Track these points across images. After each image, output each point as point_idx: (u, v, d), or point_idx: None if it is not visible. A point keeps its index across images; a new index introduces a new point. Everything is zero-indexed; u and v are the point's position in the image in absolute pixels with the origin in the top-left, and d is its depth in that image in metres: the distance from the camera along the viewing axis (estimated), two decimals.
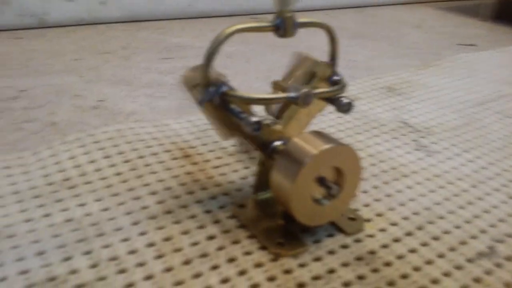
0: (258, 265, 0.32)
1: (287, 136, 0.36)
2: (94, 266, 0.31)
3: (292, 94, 0.33)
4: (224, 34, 0.32)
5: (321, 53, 0.39)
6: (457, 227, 0.36)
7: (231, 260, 0.32)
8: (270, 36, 0.34)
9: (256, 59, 0.78)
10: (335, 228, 0.36)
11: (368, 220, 0.37)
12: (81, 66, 0.70)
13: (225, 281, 0.30)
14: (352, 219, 0.37)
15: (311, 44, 0.75)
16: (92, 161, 0.43)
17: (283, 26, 0.33)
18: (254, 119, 0.32)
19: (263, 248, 0.33)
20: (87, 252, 0.32)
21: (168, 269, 0.31)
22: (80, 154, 0.44)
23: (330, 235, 0.35)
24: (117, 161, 0.43)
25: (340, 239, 0.34)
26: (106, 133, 0.47)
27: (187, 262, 0.32)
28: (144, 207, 0.37)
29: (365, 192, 0.41)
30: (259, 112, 0.40)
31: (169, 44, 0.84)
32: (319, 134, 0.34)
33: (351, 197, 0.35)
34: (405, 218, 0.37)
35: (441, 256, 0.33)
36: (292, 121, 0.37)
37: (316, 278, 0.31)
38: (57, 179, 0.40)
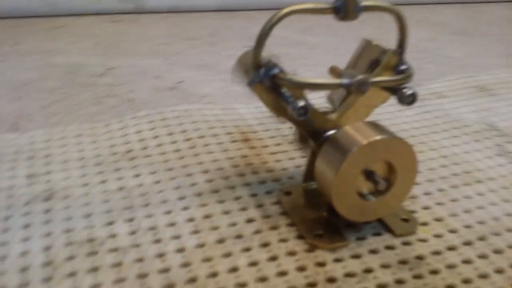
0: (291, 253, 0.30)
1: (340, 126, 0.34)
2: (132, 233, 0.32)
3: (345, 81, 0.31)
4: (277, 16, 0.31)
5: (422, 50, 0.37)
6: None
7: (265, 245, 0.31)
8: (363, 27, 0.33)
9: (341, 51, 0.76)
10: (384, 227, 0.33)
11: (424, 224, 0.34)
12: (167, 50, 0.72)
13: (253, 264, 0.29)
14: (406, 220, 0.34)
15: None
16: (155, 137, 0.44)
17: (344, 9, 0.31)
18: (300, 103, 0.30)
19: (300, 237, 0.32)
20: (130, 220, 0.33)
21: (201, 245, 0.31)
22: (146, 129, 0.45)
23: (377, 234, 0.32)
24: (179, 138, 0.44)
25: (386, 239, 0.32)
26: (174, 112, 0.49)
27: (220, 241, 0.31)
28: (193, 184, 0.37)
29: (427, 194, 0.37)
30: (318, 100, 0.39)
31: (254, 33, 0.84)
32: (373, 125, 0.32)
33: (404, 196, 0.32)
34: (467, 226, 0.34)
35: (499, 271, 0.29)
36: (349, 111, 0.35)
37: (349, 275, 0.29)
38: (120, 150, 0.42)
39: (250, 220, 0.33)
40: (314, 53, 0.74)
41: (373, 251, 0.31)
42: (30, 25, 0.85)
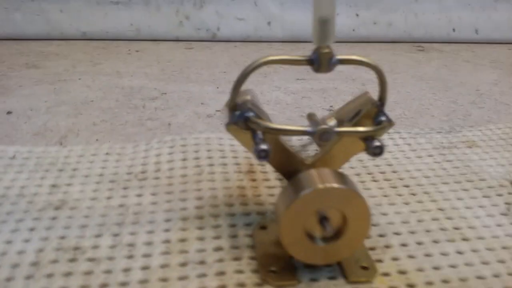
0: (240, 285, 0.33)
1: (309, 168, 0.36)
2: (112, 246, 0.36)
3: (309, 129, 0.33)
4: (253, 65, 0.34)
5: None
6: None
7: (220, 273, 0.34)
8: (423, 67, 0.34)
9: (393, 90, 0.75)
10: (342, 272, 0.34)
11: (385, 275, 0.34)
12: (224, 78, 0.78)
13: None
14: (365, 268, 0.34)
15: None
16: (170, 161, 0.49)
17: (317, 61, 0.33)
18: (262, 146, 0.32)
19: (257, 271, 0.34)
20: (115, 234, 0.37)
21: (164, 266, 0.34)
22: (165, 153, 0.50)
23: (332, 278, 0.34)
24: (189, 165, 0.48)
25: (338, 284, 0.33)
26: (195, 139, 0.53)
27: (183, 265, 0.34)
28: (183, 208, 0.41)
29: (403, 245, 0.37)
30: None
31: None
32: (338, 174, 0.33)
33: (353, 247, 0.33)
34: (429, 283, 0.33)
35: None
36: (326, 156, 0.37)
37: None
38: (136, 170, 0.47)
39: (218, 249, 0.36)
40: (362, 89, 0.75)
41: None
42: (113, 48, 0.96)
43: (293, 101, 0.68)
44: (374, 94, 0.36)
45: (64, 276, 0.33)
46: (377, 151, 0.33)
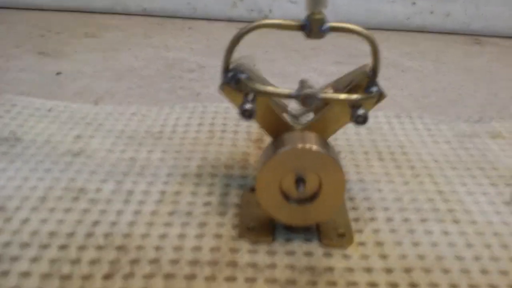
0: (217, 236, 0.35)
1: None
2: (113, 192, 0.39)
3: (294, 92, 0.34)
4: (247, 28, 0.35)
5: None
6: (452, 286, 0.31)
7: (202, 224, 0.36)
8: (473, 59, 0.35)
9: (433, 79, 0.73)
10: (319, 236, 0.35)
11: (361, 244, 0.35)
12: (263, 57, 0.79)
13: (180, 236, 0.34)
14: (342, 235, 0.35)
15: None
16: (187, 124, 0.51)
17: (308, 27, 0.34)
18: (246, 106, 0.34)
19: (237, 227, 0.36)
20: (118, 182, 0.41)
21: (154, 212, 0.37)
22: (184, 117, 0.53)
23: (308, 240, 0.35)
24: (203, 129, 0.50)
25: (311, 246, 0.34)
26: (215, 107, 0.55)
27: (171, 213, 0.37)
28: (186, 166, 0.43)
29: (388, 219, 0.37)
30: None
31: (359, 52, 0.86)
32: (321, 139, 0.34)
33: (327, 214, 0.34)
34: (402, 256, 0.33)
35: None
36: (317, 123, 0.38)
37: (250, 265, 0.32)
38: (154, 130, 0.50)
39: (207, 203, 0.38)
40: (401, 75, 0.74)
41: (289, 253, 0.33)
42: (169, 24, 1.00)
43: (323, 82, 0.68)
44: (417, 83, 0.36)
45: (64, 211, 0.37)
46: (360, 120, 0.33)
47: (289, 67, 0.75)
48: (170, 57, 0.78)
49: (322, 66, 0.76)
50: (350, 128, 0.52)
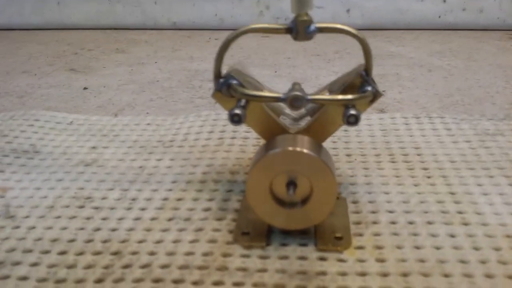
0: (212, 241, 0.34)
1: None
2: (118, 199, 0.40)
3: (281, 95, 0.34)
4: (234, 33, 0.35)
5: None
6: None
7: (199, 229, 0.36)
8: (506, 56, 0.34)
9: (461, 77, 0.70)
10: (315, 240, 0.34)
11: (360, 248, 0.33)
12: (286, 63, 0.79)
13: (176, 241, 0.34)
14: (339, 238, 0.34)
15: None
16: (198, 132, 0.52)
17: (295, 29, 0.34)
18: (236, 111, 0.34)
19: (232, 232, 0.35)
20: (124, 189, 0.41)
21: (153, 218, 0.37)
22: (197, 126, 0.53)
23: (303, 244, 0.34)
24: (214, 137, 0.51)
25: (306, 250, 0.33)
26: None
27: (170, 219, 0.37)
28: (191, 173, 0.44)
29: (392, 223, 0.36)
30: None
31: (384, 52, 0.84)
32: (313, 143, 0.33)
33: (318, 218, 0.33)
34: (401, 260, 0.32)
35: None
36: (313, 125, 0.37)
37: (240, 269, 0.31)
38: (166, 139, 0.51)
39: (206, 209, 0.38)
40: (427, 75, 0.71)
41: (282, 257, 0.33)
42: (197, 36, 1.02)
43: None
44: (443, 83, 0.35)
45: (69, 218, 0.38)
46: (351, 120, 0.32)
47: (313, 72, 0.74)
48: (193, 68, 0.79)
49: (344, 69, 0.75)
50: (364, 130, 0.51)
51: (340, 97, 0.33)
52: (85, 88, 0.71)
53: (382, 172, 0.43)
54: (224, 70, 0.37)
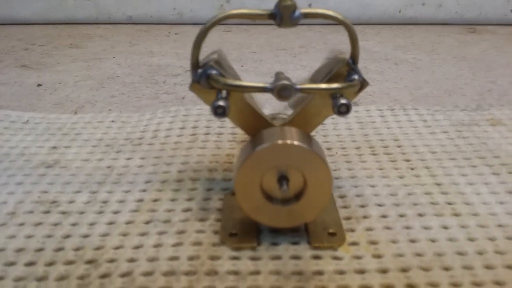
0: (197, 243, 0.32)
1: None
2: (87, 202, 0.37)
3: (268, 85, 0.32)
4: (213, 20, 0.33)
5: None
6: (453, 285, 0.28)
7: (181, 232, 0.33)
8: (469, 48, 0.33)
9: (427, 70, 0.70)
10: (307, 237, 0.32)
11: (354, 244, 0.32)
12: (252, 58, 0.77)
13: (157, 245, 0.32)
14: (332, 234, 0.32)
15: None
16: (168, 129, 0.49)
17: (279, 15, 0.32)
18: (219, 103, 0.31)
19: (218, 233, 0.33)
20: (93, 192, 0.38)
21: (129, 222, 0.34)
22: (166, 122, 0.50)
23: (295, 243, 0.32)
24: (186, 133, 0.48)
25: (299, 249, 0.31)
26: (198, 110, 0.53)
27: (147, 222, 0.34)
28: (166, 172, 0.41)
29: (383, 216, 0.35)
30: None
31: (348, 46, 0.83)
32: (303, 135, 0.31)
33: (313, 214, 0.31)
34: (398, 255, 0.31)
35: None
36: (297, 117, 0.35)
37: (231, 272, 0.29)
38: (134, 137, 0.48)
39: (186, 210, 0.36)
40: (394, 68, 0.71)
41: (275, 257, 0.30)
42: (154, 31, 0.98)
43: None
44: (411, 75, 0.34)
45: (34, 225, 0.34)
46: (343, 109, 0.31)
47: (278, 67, 0.72)
48: (154, 63, 0.76)
49: (312, 63, 0.74)
50: (341, 123, 0.50)
51: (332, 85, 0.32)
52: (39, 85, 0.66)
53: (365, 165, 0.42)
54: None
